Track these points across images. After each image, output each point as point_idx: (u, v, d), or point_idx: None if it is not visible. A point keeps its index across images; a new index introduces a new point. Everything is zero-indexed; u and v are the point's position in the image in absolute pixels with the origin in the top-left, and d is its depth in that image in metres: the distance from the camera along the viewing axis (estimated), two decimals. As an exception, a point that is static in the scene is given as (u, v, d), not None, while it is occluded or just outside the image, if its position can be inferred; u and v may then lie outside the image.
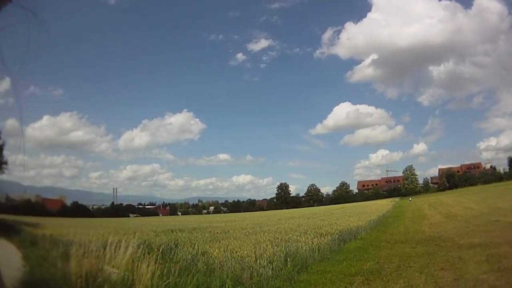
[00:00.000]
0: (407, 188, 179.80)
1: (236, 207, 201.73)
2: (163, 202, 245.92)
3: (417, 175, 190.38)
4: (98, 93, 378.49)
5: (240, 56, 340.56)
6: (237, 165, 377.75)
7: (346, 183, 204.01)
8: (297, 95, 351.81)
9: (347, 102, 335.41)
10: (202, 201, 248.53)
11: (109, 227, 41.76)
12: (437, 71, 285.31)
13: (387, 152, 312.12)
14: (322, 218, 54.67)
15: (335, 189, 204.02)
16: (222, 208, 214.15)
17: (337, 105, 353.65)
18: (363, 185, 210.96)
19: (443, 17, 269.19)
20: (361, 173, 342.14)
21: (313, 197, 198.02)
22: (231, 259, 16.96)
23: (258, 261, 16.51)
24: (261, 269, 15.57)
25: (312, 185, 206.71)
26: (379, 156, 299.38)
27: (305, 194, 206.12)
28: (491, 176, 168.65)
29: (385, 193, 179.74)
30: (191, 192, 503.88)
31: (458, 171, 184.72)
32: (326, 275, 16.14)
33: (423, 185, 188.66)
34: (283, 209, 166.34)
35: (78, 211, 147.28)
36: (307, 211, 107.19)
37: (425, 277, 14.61)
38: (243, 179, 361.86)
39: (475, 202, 66.48)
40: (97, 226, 47.87)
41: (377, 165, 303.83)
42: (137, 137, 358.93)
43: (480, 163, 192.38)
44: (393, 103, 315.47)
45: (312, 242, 23.11)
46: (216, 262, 17.09)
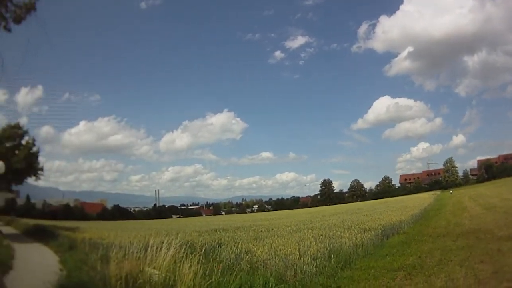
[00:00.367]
0: (447, 180, 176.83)
1: (280, 205, 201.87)
2: (206, 202, 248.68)
3: (457, 167, 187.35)
4: (135, 97, 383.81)
5: (278, 54, 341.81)
6: (280, 163, 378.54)
7: (388, 178, 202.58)
8: (337, 90, 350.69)
9: (387, 95, 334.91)
10: (245, 200, 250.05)
11: (151, 229, 42.34)
12: (472, 61, 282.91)
13: (427, 145, 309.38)
14: (365, 213, 54.44)
15: (378, 183, 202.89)
16: (266, 206, 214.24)
17: (377, 99, 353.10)
18: (405, 179, 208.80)
19: (472, 6, 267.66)
20: (403, 167, 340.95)
21: (356, 193, 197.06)
22: (275, 257, 16.90)
23: (302, 258, 16.36)
24: (305, 266, 15.43)
25: (355, 180, 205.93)
26: (420, 149, 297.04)
27: (348, 189, 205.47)
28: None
29: (426, 186, 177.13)
30: (234, 191, 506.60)
31: (496, 162, 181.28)
32: (369, 270, 16.10)
33: (463, 177, 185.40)
34: (327, 205, 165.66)
35: (119, 214, 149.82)
36: (350, 206, 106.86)
37: (465, 270, 14.52)
38: (286, 176, 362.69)
39: (512, 193, 65.69)
40: (139, 228, 48.23)
41: (418, 158, 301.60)
42: (178, 139, 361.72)
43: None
44: (431, 95, 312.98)
45: (355, 237, 22.98)
46: (259, 260, 17.02)
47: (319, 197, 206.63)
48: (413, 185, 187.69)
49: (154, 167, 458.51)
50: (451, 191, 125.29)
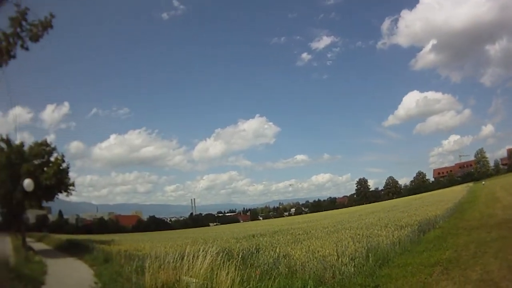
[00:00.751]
0: (479, 171, 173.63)
1: (317, 206, 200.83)
2: (243, 208, 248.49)
3: (487, 157, 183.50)
4: (165, 107, 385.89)
5: (305, 55, 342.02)
6: (315, 165, 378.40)
7: (422, 173, 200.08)
8: (366, 88, 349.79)
9: (415, 90, 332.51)
10: (282, 203, 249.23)
11: (188, 238, 42.58)
12: (493, 49, 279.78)
13: (458, 137, 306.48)
14: (401, 210, 54.07)
15: (412, 179, 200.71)
16: (303, 209, 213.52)
17: (406, 94, 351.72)
18: (439, 173, 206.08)
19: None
20: (436, 161, 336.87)
21: (392, 190, 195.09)
22: (313, 259, 16.89)
23: (340, 259, 16.41)
24: (343, 267, 15.42)
25: (390, 177, 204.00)
26: (451, 142, 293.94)
27: (383, 187, 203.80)
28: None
29: (459, 179, 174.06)
30: (271, 195, 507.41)
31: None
32: (406, 267, 16.07)
33: (494, 167, 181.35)
34: (363, 204, 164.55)
35: (155, 225, 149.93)
36: (386, 204, 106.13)
37: (500, 262, 14.53)
38: (322, 178, 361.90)
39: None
40: (175, 238, 48.58)
41: (450, 151, 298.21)
42: (212, 147, 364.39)
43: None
44: (458, 87, 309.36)
45: (392, 235, 23.09)
46: (298, 263, 16.92)
47: (355, 196, 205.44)
48: (447, 178, 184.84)
49: (188, 176, 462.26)
50: (483, 182, 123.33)
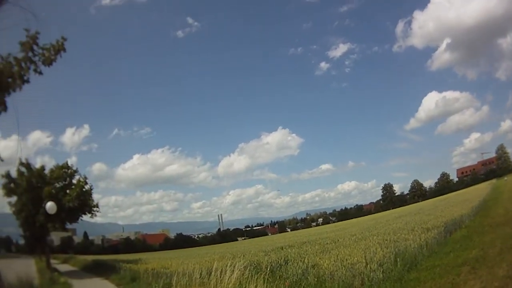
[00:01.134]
0: (501, 168, 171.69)
1: (344, 215, 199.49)
2: (271, 221, 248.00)
3: (508, 153, 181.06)
4: (187, 125, 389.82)
5: (323, 65, 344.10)
6: (340, 173, 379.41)
7: (446, 173, 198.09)
8: (385, 93, 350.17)
9: (434, 91, 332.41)
10: (310, 214, 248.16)
11: (215, 253, 42.42)
12: (505, 43, 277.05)
13: (478, 134, 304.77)
14: (427, 212, 53.64)
15: (437, 181, 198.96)
16: (330, 218, 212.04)
17: (425, 96, 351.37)
18: (462, 172, 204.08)
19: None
20: (459, 161, 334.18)
21: (417, 193, 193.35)
22: (342, 268, 16.75)
23: (368, 265, 16.33)
24: (371, 274, 15.36)
25: (414, 181, 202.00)
26: (472, 140, 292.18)
27: (409, 191, 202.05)
28: None
29: (482, 176, 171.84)
30: (298, 207, 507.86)
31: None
32: (434, 269, 15.96)
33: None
34: (389, 209, 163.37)
35: (182, 242, 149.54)
36: (413, 207, 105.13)
37: (526, 257, 14.43)
38: (348, 186, 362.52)
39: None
40: (203, 254, 48.31)
41: (471, 149, 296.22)
42: (236, 162, 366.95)
43: None
44: (475, 84, 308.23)
45: (419, 238, 22.83)
46: (326, 273, 16.79)
47: (381, 202, 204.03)
48: (470, 177, 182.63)
49: (214, 192, 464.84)
50: (505, 178, 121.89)
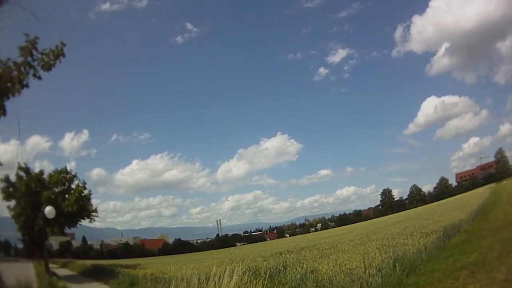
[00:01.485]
0: (500, 172, 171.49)
1: (343, 220, 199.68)
2: (270, 226, 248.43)
3: (507, 156, 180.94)
4: (186, 131, 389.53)
5: (322, 70, 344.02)
6: (339, 178, 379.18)
7: (445, 178, 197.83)
8: (384, 98, 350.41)
9: (432, 96, 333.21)
10: (308, 219, 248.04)
11: (214, 259, 42.21)
12: (504, 46, 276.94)
13: (477, 139, 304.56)
14: (426, 217, 53.52)
15: (436, 185, 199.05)
16: (329, 223, 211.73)
17: (424, 100, 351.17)
18: (461, 177, 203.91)
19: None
20: (457, 165, 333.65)
21: (416, 198, 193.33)
22: (340, 273, 16.70)
23: (367, 270, 16.23)
24: (370, 279, 15.32)
25: (413, 185, 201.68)
26: (471, 144, 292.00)
27: (408, 196, 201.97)
28: None
29: (481, 181, 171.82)
30: (297, 212, 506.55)
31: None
32: (433, 274, 16.02)
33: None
34: (388, 214, 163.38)
35: (181, 247, 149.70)
36: (411, 212, 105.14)
37: (525, 260, 14.46)
38: (346, 191, 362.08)
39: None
40: (202, 259, 48.17)
41: (470, 154, 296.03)
42: (235, 167, 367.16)
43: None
44: (473, 88, 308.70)
45: (418, 243, 22.82)
46: (325, 278, 16.73)
47: (380, 207, 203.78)
48: (469, 182, 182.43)
49: (213, 198, 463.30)
50: (504, 182, 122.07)
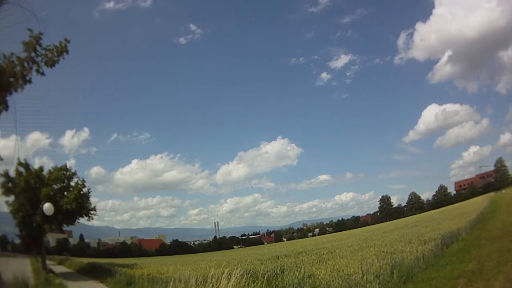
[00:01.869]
0: (499, 181, 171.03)
1: (341, 226, 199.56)
2: (267, 230, 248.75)
3: (507, 166, 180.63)
4: (187, 132, 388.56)
5: (324, 75, 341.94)
6: (338, 184, 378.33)
7: (444, 186, 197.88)
8: (386, 105, 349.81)
9: (434, 103, 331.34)
10: (306, 224, 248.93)
11: (212, 261, 41.99)
12: (507, 55, 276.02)
13: (477, 148, 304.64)
14: (424, 225, 53.63)
15: (434, 193, 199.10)
16: (327, 228, 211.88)
17: (425, 108, 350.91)
18: (460, 186, 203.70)
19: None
20: (457, 174, 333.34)
21: (415, 205, 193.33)
22: (338, 278, 16.75)
23: (365, 276, 16.24)
24: (368, 285, 15.35)
25: (412, 193, 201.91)
26: (471, 153, 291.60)
27: (406, 203, 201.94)
28: None
29: (480, 190, 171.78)
30: (295, 216, 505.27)
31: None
32: (431, 282, 15.97)
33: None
34: (386, 221, 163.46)
35: (178, 248, 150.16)
36: (409, 220, 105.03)
37: (523, 269, 14.44)
38: (345, 197, 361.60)
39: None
40: (199, 261, 47.89)
41: (470, 162, 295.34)
42: (235, 170, 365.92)
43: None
44: (475, 97, 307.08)
45: (416, 250, 22.70)
46: (323, 283, 16.73)
47: (378, 214, 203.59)
48: (468, 190, 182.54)
49: (212, 200, 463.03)
50: (504, 191, 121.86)
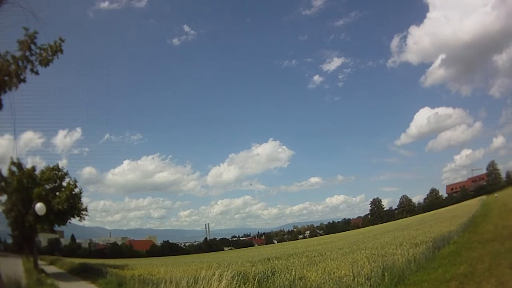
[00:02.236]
0: (491, 184, 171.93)
1: (331, 228, 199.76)
2: (258, 232, 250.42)
3: (499, 169, 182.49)
4: (178, 133, 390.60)
5: (317, 78, 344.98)
6: (329, 186, 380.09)
7: (435, 189, 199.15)
8: (378, 108, 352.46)
9: (426, 107, 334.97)
10: (297, 226, 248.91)
11: (202, 262, 41.70)
12: (501, 59, 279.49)
13: (470, 151, 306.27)
14: (415, 228, 53.56)
15: (426, 196, 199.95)
16: (317, 231, 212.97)
17: (417, 111, 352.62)
18: (452, 189, 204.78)
19: (494, 2, 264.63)
20: (449, 177, 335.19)
21: (406, 208, 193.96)
22: (329, 281, 16.71)
23: (356, 279, 16.28)
24: (359, 287, 15.44)
25: (403, 196, 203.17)
26: (463, 156, 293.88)
27: (397, 206, 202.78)
28: None
29: (472, 193, 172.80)
30: (285, 219, 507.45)
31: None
32: (422, 284, 16.03)
33: (506, 179, 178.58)
34: (377, 224, 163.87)
35: (169, 249, 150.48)
36: (401, 223, 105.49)
37: (515, 272, 14.50)
38: (336, 199, 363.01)
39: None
40: (190, 262, 47.60)
41: (462, 166, 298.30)
42: (226, 172, 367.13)
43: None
44: (468, 100, 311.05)
45: (407, 253, 22.68)
46: (314, 285, 16.79)
47: (369, 216, 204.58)
48: (460, 193, 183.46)
49: (202, 201, 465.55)
50: (496, 195, 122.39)
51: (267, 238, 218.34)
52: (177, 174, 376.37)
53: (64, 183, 45.40)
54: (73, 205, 44.15)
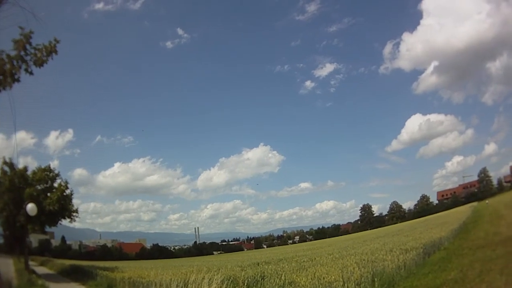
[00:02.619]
0: (483, 191, 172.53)
1: (321, 234, 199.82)
2: (247, 236, 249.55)
3: (491, 176, 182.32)
4: (169, 137, 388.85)
5: (308, 83, 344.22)
6: (319, 192, 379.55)
7: (426, 196, 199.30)
8: (369, 114, 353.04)
9: (418, 113, 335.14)
10: (287, 231, 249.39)
11: (192, 266, 41.36)
12: (494, 67, 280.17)
13: (461, 158, 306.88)
14: (406, 234, 53.60)
15: (416, 203, 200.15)
16: (307, 236, 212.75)
17: (409, 118, 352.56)
18: (442, 195, 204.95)
19: (489, 10, 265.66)
20: (440, 183, 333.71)
21: (396, 214, 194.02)
22: (319, 286, 16.75)
23: (345, 284, 16.34)
24: (349, 293, 15.11)
25: (393, 202, 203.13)
26: (454, 163, 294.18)
27: (388, 212, 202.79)
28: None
29: (463, 199, 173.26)
30: (275, 224, 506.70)
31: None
32: (412, 290, 16.05)
33: (497, 186, 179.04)
34: (367, 230, 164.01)
35: (158, 253, 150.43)
36: (391, 229, 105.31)
37: (505, 278, 14.46)
38: (326, 205, 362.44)
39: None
40: (179, 266, 47.35)
41: (453, 172, 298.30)
42: (216, 176, 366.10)
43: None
44: (460, 107, 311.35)
45: (397, 259, 22.76)
46: None
47: (359, 222, 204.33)
48: (450, 200, 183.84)
49: (192, 205, 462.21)
50: (487, 201, 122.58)
51: (257, 242, 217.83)
52: (167, 177, 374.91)
53: (55, 184, 45.34)
54: (64, 206, 44.08)
